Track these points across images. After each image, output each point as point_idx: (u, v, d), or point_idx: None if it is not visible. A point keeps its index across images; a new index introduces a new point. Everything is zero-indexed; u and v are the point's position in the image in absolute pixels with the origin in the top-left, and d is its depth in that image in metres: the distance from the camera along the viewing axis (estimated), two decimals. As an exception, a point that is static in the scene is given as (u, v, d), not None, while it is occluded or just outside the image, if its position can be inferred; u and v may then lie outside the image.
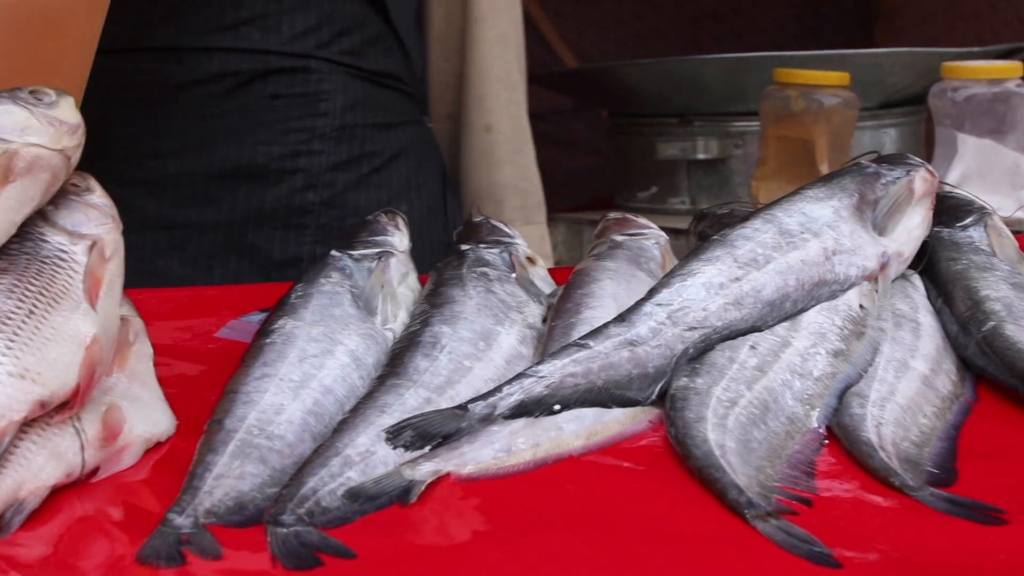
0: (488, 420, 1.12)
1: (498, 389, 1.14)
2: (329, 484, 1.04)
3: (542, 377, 1.16)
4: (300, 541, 0.97)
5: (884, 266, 1.33)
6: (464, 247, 1.50)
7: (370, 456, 1.08)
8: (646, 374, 1.20)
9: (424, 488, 1.05)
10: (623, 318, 1.23)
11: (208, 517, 1.00)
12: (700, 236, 1.57)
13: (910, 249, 1.39)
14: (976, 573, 0.93)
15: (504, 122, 2.46)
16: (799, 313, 1.27)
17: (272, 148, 2.18)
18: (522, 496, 1.06)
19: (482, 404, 1.13)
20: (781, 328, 1.25)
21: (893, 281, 1.36)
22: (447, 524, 1.01)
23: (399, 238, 1.51)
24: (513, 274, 1.45)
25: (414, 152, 2.34)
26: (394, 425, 1.10)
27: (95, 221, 1.22)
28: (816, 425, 1.16)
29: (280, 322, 1.31)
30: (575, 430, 1.14)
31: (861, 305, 1.29)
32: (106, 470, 1.12)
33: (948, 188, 1.53)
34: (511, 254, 1.49)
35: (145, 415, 1.18)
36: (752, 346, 1.23)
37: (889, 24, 4.54)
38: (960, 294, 1.35)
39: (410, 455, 1.08)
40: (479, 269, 1.44)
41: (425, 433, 1.09)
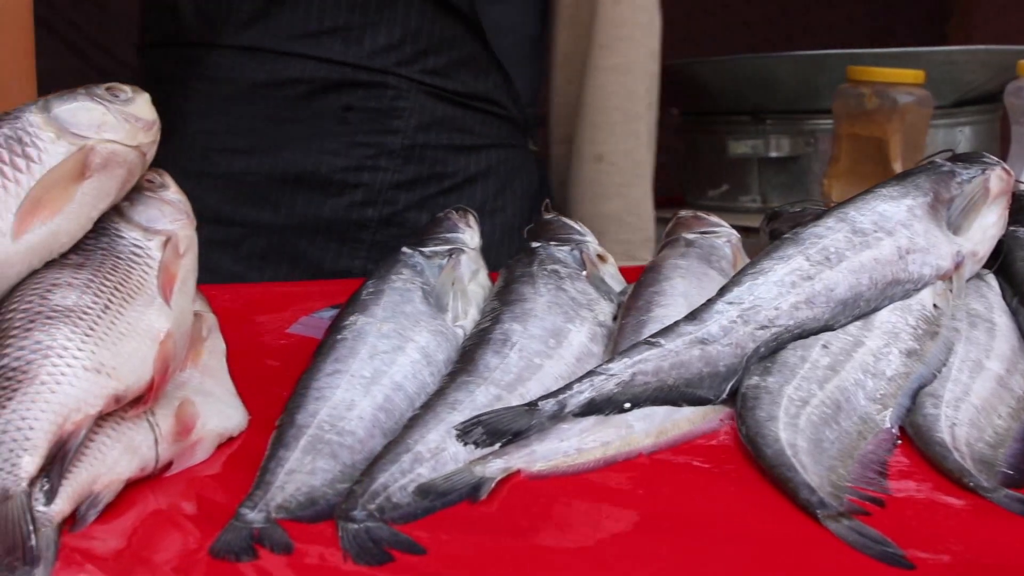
0: (558, 418, 1.12)
1: (568, 387, 1.14)
2: (400, 480, 1.04)
3: (612, 375, 1.16)
4: (371, 537, 0.97)
5: (958, 265, 1.32)
6: (535, 244, 1.50)
7: (440, 453, 1.08)
8: (717, 372, 1.19)
9: (494, 485, 1.05)
10: (694, 316, 1.23)
11: (280, 512, 1.01)
12: (772, 234, 1.56)
13: (985, 248, 1.37)
14: (1051, 576, 0.92)
15: (617, 153, 2.40)
16: (872, 312, 1.26)
17: (337, 159, 2.18)
18: (592, 494, 1.06)
19: (552, 402, 1.12)
20: (854, 327, 1.25)
21: (967, 280, 1.35)
22: (516, 521, 1.01)
23: (470, 235, 1.51)
24: (584, 272, 1.45)
25: (498, 176, 2.32)
26: (464, 422, 1.10)
27: (169, 217, 1.23)
28: (889, 425, 1.15)
29: (351, 318, 1.31)
30: (645, 428, 1.14)
31: (935, 304, 1.28)
32: (179, 464, 1.13)
33: (1024, 187, 1.52)
34: (582, 252, 1.48)
35: (218, 410, 1.19)
36: (824, 345, 1.22)
37: (963, 21, 4.51)
38: (1036, 294, 1.34)
39: (480, 452, 1.08)
40: (550, 267, 1.44)
41: (495, 430, 1.09)
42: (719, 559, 0.95)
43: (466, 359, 1.25)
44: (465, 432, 1.09)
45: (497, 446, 1.09)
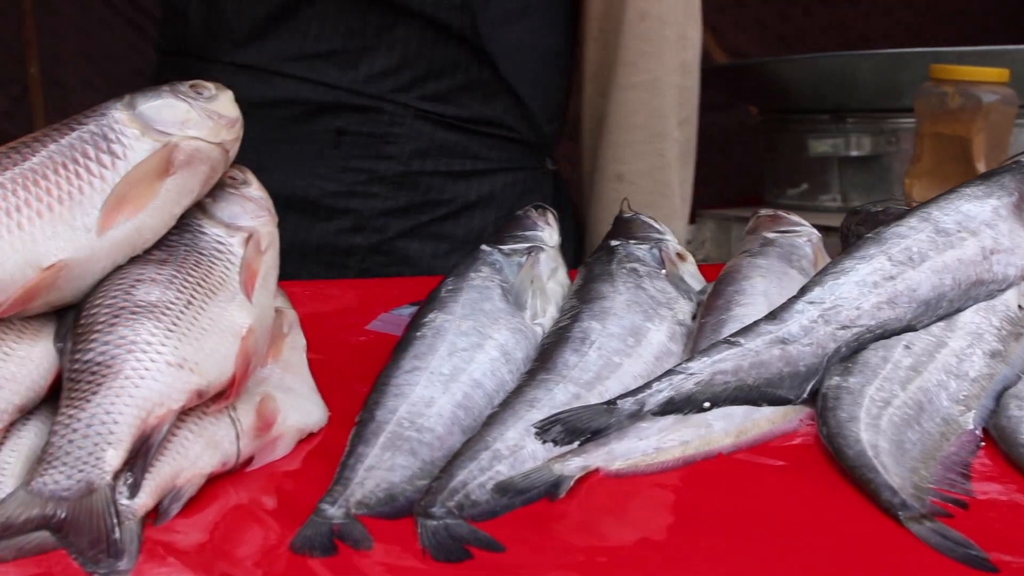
0: (637, 416, 1.12)
1: (647, 385, 1.14)
2: (479, 477, 1.04)
3: (692, 374, 1.15)
4: (450, 533, 0.97)
5: (1044, 266, 1.31)
6: (614, 243, 1.50)
7: (519, 450, 1.08)
8: (797, 372, 1.19)
9: (573, 483, 1.05)
10: (774, 316, 1.22)
11: (359, 508, 1.01)
12: (853, 234, 1.55)
13: (1072, 249, 1.36)
14: None
15: (638, 172, 2.34)
16: (955, 313, 1.25)
17: (328, 184, 2.15)
18: (671, 493, 1.06)
19: (631, 400, 1.12)
20: (936, 328, 1.23)
21: (1053, 282, 1.34)
22: (595, 520, 1.01)
23: (549, 233, 1.51)
24: (663, 270, 1.44)
25: (503, 200, 2.28)
26: (543, 420, 1.10)
27: (251, 214, 1.24)
28: (972, 427, 1.13)
29: (430, 316, 1.32)
30: (725, 428, 1.14)
31: (1020, 306, 1.26)
32: (260, 460, 1.13)
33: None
34: (661, 250, 1.48)
35: (298, 406, 1.20)
36: (907, 346, 1.21)
37: (1050, 19, 4.45)
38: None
39: (559, 450, 1.08)
40: (629, 265, 1.43)
41: (574, 428, 1.09)
42: (798, 560, 0.94)
43: (545, 357, 1.25)
44: (544, 430, 1.09)
45: (576, 444, 1.09)
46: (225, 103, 1.23)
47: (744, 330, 1.21)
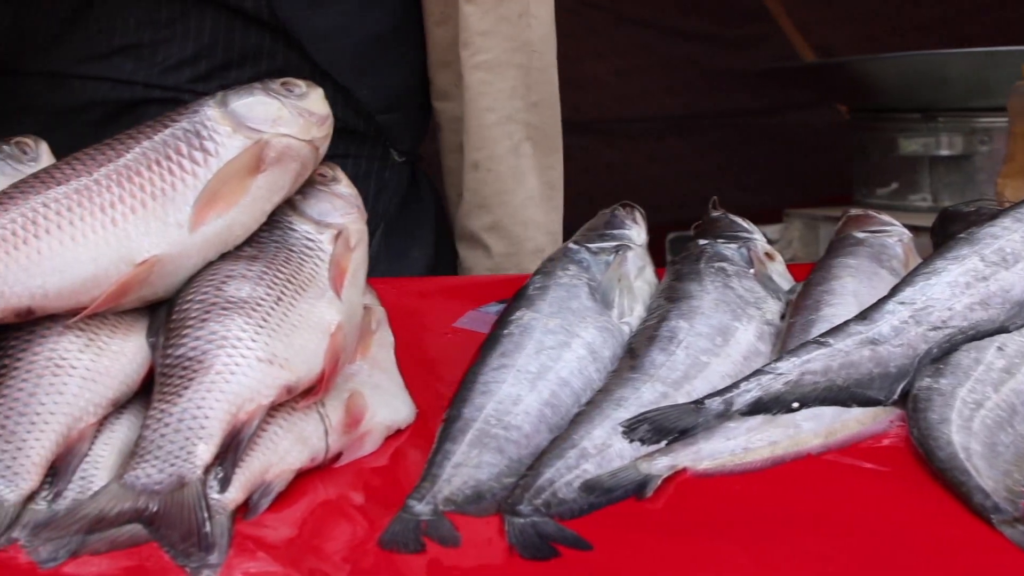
0: (724, 416, 1.11)
1: (735, 385, 1.14)
2: (566, 476, 1.04)
3: (780, 374, 1.14)
4: (537, 531, 0.97)
5: None
6: (702, 242, 1.49)
7: (606, 449, 1.08)
8: (887, 373, 1.18)
9: (660, 483, 1.05)
10: (864, 316, 1.21)
11: (447, 505, 1.02)
12: (945, 234, 1.53)
13: None
14: None
15: (493, 158, 2.19)
16: (1050, 315, 1.23)
17: None
18: (759, 494, 1.05)
19: (719, 400, 1.12)
20: (1030, 329, 1.22)
21: None
22: (683, 519, 1.01)
23: (636, 231, 1.51)
24: (751, 269, 1.43)
25: None
26: (630, 419, 1.10)
27: (341, 211, 1.25)
28: (1067, 430, 1.12)
29: (518, 313, 1.32)
30: (814, 428, 1.13)
31: (1116, 307, 1.25)
32: (348, 455, 1.14)
33: None
34: (749, 249, 1.47)
35: (386, 402, 1.20)
36: (999, 347, 1.19)
37: None
38: None
39: (646, 449, 1.08)
40: (717, 264, 1.43)
41: (661, 428, 1.09)
42: (887, 562, 0.93)
43: (632, 356, 1.24)
44: (631, 429, 1.09)
45: (663, 443, 1.08)
46: (316, 100, 1.24)
47: (834, 330, 1.20)
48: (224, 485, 1.00)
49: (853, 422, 1.15)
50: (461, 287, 1.88)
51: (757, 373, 1.15)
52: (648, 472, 1.05)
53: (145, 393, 1.09)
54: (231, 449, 1.02)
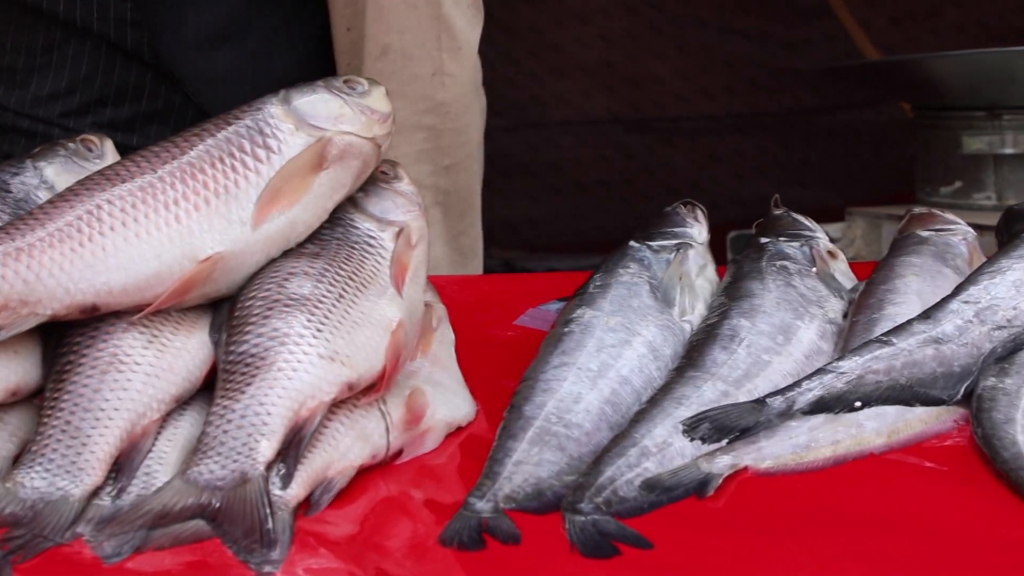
0: (786, 415, 1.11)
1: (797, 384, 1.13)
2: (626, 474, 1.04)
3: (843, 373, 1.14)
4: (598, 529, 0.97)
5: None
6: (764, 240, 1.48)
7: (667, 447, 1.08)
8: (951, 373, 1.17)
9: (721, 481, 1.05)
10: (928, 315, 1.20)
11: (507, 502, 1.02)
12: (1010, 233, 1.52)
13: None
14: None
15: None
16: (1116, 314, 1.22)
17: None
18: (821, 493, 1.05)
19: (780, 399, 1.11)
20: (1097, 329, 1.21)
21: None
22: (744, 518, 1.01)
23: (698, 230, 1.50)
24: (814, 268, 1.42)
25: None
26: (691, 417, 1.10)
27: (402, 208, 1.25)
28: None
29: (579, 311, 1.32)
30: (876, 428, 1.12)
31: None
32: (409, 453, 1.14)
33: None
34: (812, 248, 1.46)
35: (447, 400, 1.21)
36: (1066, 347, 1.18)
37: None
38: None
39: (707, 448, 1.08)
40: (779, 263, 1.42)
41: (723, 426, 1.09)
42: (950, 563, 0.93)
43: (693, 354, 1.24)
44: (692, 427, 1.08)
45: (724, 442, 1.08)
46: (378, 98, 1.24)
47: (897, 329, 1.19)
48: (286, 482, 1.01)
49: (916, 421, 1.14)
50: (522, 285, 1.88)
51: (819, 372, 1.14)
52: (709, 471, 1.05)
53: (208, 389, 1.10)
54: (293, 446, 1.02)
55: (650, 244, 1.44)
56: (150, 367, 1.08)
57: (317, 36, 2.05)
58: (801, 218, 1.54)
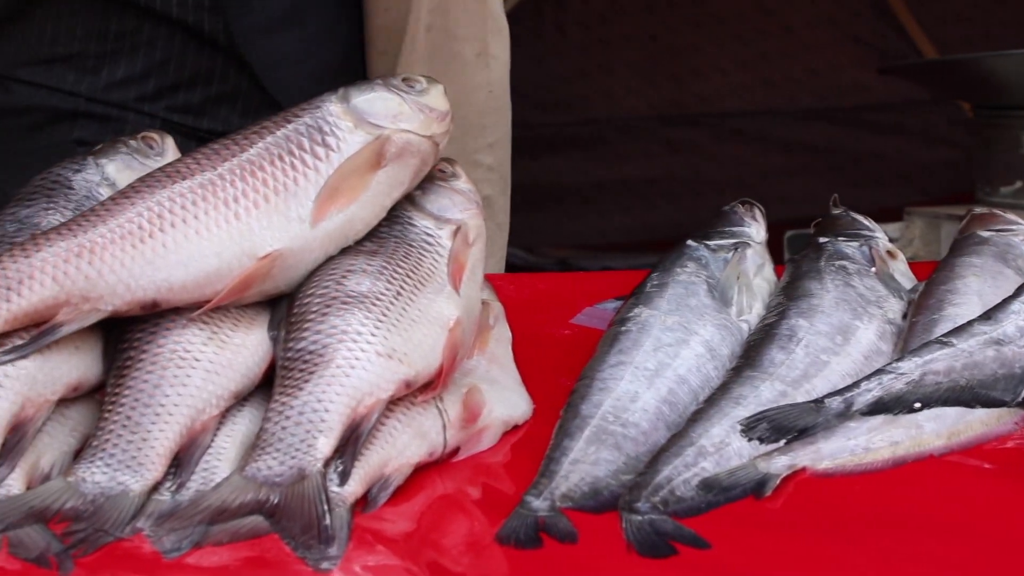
0: (845, 416, 1.10)
1: (856, 385, 1.12)
2: (683, 473, 1.04)
3: (902, 374, 1.13)
4: (654, 529, 0.97)
5: None
6: (822, 240, 1.47)
7: (725, 447, 1.08)
8: (1013, 374, 1.16)
9: (779, 482, 1.04)
10: (989, 316, 1.19)
11: (564, 501, 1.02)
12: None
13: None
14: None
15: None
16: None
17: None
18: (879, 495, 1.04)
19: (839, 399, 1.11)
20: None
21: None
22: (801, 519, 1.00)
23: (756, 229, 1.50)
24: (872, 268, 1.42)
25: None
26: (749, 417, 1.09)
27: (460, 206, 1.25)
28: None
29: (636, 310, 1.31)
30: (936, 429, 1.11)
31: None
32: (466, 450, 1.15)
33: None
34: (871, 248, 1.45)
35: (504, 398, 1.21)
36: None
37: None
38: None
39: (765, 448, 1.07)
40: (837, 262, 1.41)
41: (780, 426, 1.08)
42: (1009, 566, 0.92)
43: (751, 354, 1.24)
44: (750, 427, 1.08)
45: (782, 442, 1.08)
46: (436, 97, 1.24)
47: (957, 330, 1.18)
48: (344, 478, 1.01)
49: (977, 423, 1.13)
50: (578, 283, 1.88)
51: (878, 372, 1.14)
52: (767, 471, 1.05)
53: (266, 386, 1.10)
54: (351, 443, 1.03)
55: (708, 243, 1.44)
56: (210, 363, 1.09)
57: (354, 20, 2.11)
58: (860, 217, 1.53)
